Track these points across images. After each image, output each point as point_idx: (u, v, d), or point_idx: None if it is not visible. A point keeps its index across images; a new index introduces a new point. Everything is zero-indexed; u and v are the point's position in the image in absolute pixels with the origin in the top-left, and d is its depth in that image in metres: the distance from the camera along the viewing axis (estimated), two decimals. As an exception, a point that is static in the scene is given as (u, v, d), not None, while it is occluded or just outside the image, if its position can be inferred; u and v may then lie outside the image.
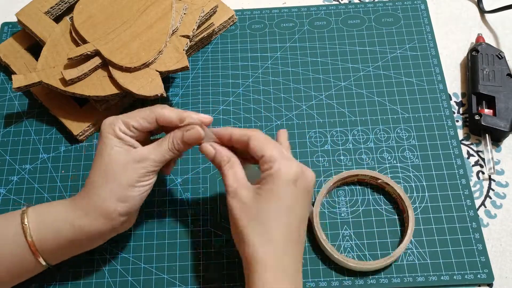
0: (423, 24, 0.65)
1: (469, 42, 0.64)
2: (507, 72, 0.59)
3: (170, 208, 0.54)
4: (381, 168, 0.56)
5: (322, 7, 0.67)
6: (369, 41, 0.64)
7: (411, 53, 0.63)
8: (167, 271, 0.51)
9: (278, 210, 0.42)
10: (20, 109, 0.60)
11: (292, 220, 0.43)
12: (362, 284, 0.50)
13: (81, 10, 0.57)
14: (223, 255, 0.52)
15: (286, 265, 0.42)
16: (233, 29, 0.65)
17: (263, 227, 0.42)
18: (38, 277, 0.50)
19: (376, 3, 0.67)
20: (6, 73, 0.63)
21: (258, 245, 0.42)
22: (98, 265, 0.51)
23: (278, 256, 0.42)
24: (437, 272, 0.50)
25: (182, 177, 0.56)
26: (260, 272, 0.41)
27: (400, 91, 0.60)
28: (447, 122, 0.58)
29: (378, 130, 0.58)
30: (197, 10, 0.57)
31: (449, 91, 0.61)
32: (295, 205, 0.43)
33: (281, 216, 0.42)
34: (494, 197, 0.55)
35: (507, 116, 0.56)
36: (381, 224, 0.53)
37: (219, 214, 0.54)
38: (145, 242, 0.52)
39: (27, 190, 0.55)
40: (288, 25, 0.66)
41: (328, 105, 0.60)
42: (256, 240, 0.42)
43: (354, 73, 0.62)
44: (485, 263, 0.51)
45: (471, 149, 0.57)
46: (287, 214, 0.43)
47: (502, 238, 0.52)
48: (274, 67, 0.62)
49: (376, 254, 0.51)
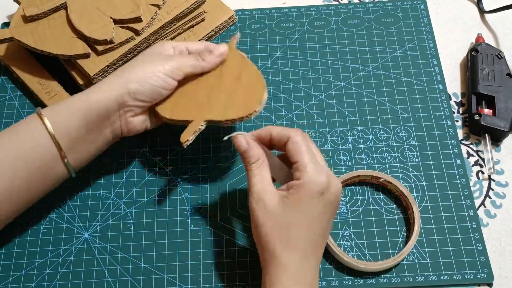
0: (423, 24, 0.65)
1: (469, 42, 0.64)
2: (507, 72, 0.59)
3: (170, 208, 0.54)
4: (381, 168, 0.56)
5: (322, 7, 0.67)
6: (369, 41, 0.64)
7: (410, 53, 0.63)
8: (167, 271, 0.51)
9: (302, 221, 0.43)
10: (20, 109, 0.61)
11: (315, 230, 0.43)
12: (362, 284, 0.50)
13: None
14: (223, 255, 0.52)
15: (305, 271, 0.42)
16: (233, 29, 0.65)
17: (287, 235, 0.42)
18: (38, 277, 0.51)
19: (376, 3, 0.67)
20: (6, 73, 0.63)
21: (281, 252, 0.42)
22: (98, 265, 0.51)
23: (299, 262, 0.42)
24: (437, 271, 0.50)
25: (182, 177, 0.56)
26: (281, 276, 0.42)
27: (400, 91, 0.60)
28: (446, 122, 0.58)
29: (378, 130, 0.58)
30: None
31: (449, 91, 0.61)
32: (319, 217, 0.43)
33: (305, 226, 0.43)
34: (494, 197, 0.55)
35: (507, 116, 0.56)
36: (381, 223, 0.53)
37: (219, 214, 0.54)
38: (145, 242, 0.53)
39: (27, 190, 0.55)
40: (288, 25, 0.66)
41: (328, 105, 0.60)
42: (278, 246, 0.42)
43: (354, 73, 0.62)
44: (484, 263, 0.51)
45: (471, 149, 0.57)
46: (311, 225, 0.43)
47: (501, 238, 0.52)
48: (274, 67, 0.62)
49: (376, 254, 0.51)
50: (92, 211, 0.54)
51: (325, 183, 0.43)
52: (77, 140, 0.47)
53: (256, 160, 0.45)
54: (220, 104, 0.51)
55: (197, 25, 0.63)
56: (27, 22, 0.58)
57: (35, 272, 0.51)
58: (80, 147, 0.48)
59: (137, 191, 0.55)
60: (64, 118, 0.47)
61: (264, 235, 0.43)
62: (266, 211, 0.43)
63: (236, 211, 0.54)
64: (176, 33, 0.62)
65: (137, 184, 0.56)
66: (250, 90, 0.51)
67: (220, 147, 0.57)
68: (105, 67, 0.57)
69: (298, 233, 0.42)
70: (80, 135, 0.47)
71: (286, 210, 0.43)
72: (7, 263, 0.52)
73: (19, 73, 0.61)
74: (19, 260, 0.52)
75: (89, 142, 0.48)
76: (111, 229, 0.53)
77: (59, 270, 0.51)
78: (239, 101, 0.51)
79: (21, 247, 0.52)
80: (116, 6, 0.58)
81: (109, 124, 0.49)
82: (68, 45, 0.57)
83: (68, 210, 0.54)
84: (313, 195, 0.42)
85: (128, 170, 0.56)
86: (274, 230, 0.43)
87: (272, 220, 0.43)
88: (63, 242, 0.53)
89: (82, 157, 0.49)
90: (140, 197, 0.55)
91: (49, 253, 0.52)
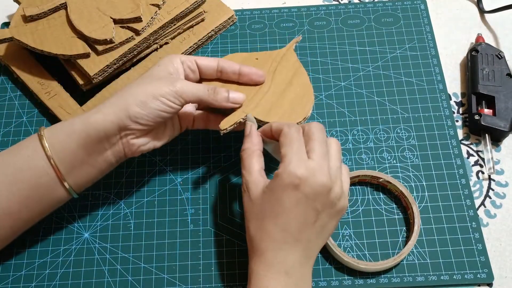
0: (423, 24, 0.65)
1: (469, 42, 0.64)
2: (507, 72, 0.59)
3: (170, 208, 0.54)
4: (381, 168, 0.56)
5: (322, 7, 0.67)
6: (369, 41, 0.64)
7: (411, 53, 0.63)
8: (167, 271, 0.51)
9: (274, 211, 0.43)
10: (20, 109, 0.61)
11: (290, 222, 0.43)
12: (362, 284, 0.50)
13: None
14: (223, 255, 0.52)
15: (281, 261, 0.43)
16: (233, 29, 0.65)
17: (262, 225, 0.44)
18: (38, 277, 0.51)
19: (376, 3, 0.67)
20: (6, 73, 0.63)
21: (258, 241, 0.44)
22: (98, 265, 0.51)
23: (275, 251, 0.43)
24: (437, 271, 0.50)
25: (182, 177, 0.56)
26: (257, 265, 0.43)
27: (400, 91, 0.60)
28: (447, 122, 0.58)
29: (378, 130, 0.58)
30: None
31: (449, 91, 0.61)
32: (293, 209, 0.43)
33: (278, 217, 0.43)
34: (494, 197, 0.55)
35: (507, 116, 0.56)
36: (381, 223, 0.53)
37: (219, 214, 0.54)
38: (145, 242, 0.52)
39: (27, 190, 0.55)
40: (288, 25, 0.66)
41: (328, 105, 0.60)
42: (256, 235, 0.44)
43: (354, 73, 0.62)
44: (484, 263, 0.51)
45: (471, 149, 0.57)
46: (284, 216, 0.43)
47: (501, 237, 0.52)
48: (274, 67, 0.62)
49: (376, 254, 0.51)
50: (92, 211, 0.54)
51: (300, 176, 0.42)
52: (76, 163, 0.46)
53: (246, 148, 0.47)
54: (266, 104, 0.51)
55: (197, 25, 0.63)
56: (27, 22, 0.58)
57: (35, 272, 0.51)
58: (79, 169, 0.47)
59: (137, 191, 0.55)
60: (62, 140, 0.46)
61: (247, 225, 0.45)
62: (250, 201, 0.45)
63: (236, 211, 0.54)
64: (176, 33, 0.62)
65: (137, 184, 0.56)
66: (298, 99, 0.52)
67: (220, 147, 0.57)
68: (105, 67, 0.57)
69: (271, 223, 0.43)
70: (79, 158, 0.46)
71: (264, 199, 0.44)
72: (7, 263, 0.52)
73: (19, 73, 0.61)
74: (19, 260, 0.52)
75: (90, 165, 0.47)
76: (111, 229, 0.53)
77: (59, 270, 0.51)
78: (285, 107, 0.51)
79: (21, 247, 0.52)
80: (116, 6, 0.58)
81: (109, 147, 0.47)
82: (68, 45, 0.57)
83: (68, 210, 0.54)
84: (286, 186, 0.42)
85: (128, 170, 0.56)
86: (253, 220, 0.44)
87: (252, 210, 0.45)
88: (63, 242, 0.53)
89: (82, 179, 0.48)
90: (140, 197, 0.55)
91: (49, 253, 0.52)
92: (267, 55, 0.55)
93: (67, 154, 0.46)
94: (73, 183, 0.47)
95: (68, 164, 0.46)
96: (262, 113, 0.50)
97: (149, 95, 0.46)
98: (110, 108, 0.46)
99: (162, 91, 0.46)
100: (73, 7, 0.58)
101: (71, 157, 0.46)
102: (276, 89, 0.52)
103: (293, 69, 0.54)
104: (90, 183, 0.49)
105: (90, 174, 0.48)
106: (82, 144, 0.46)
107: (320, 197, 0.43)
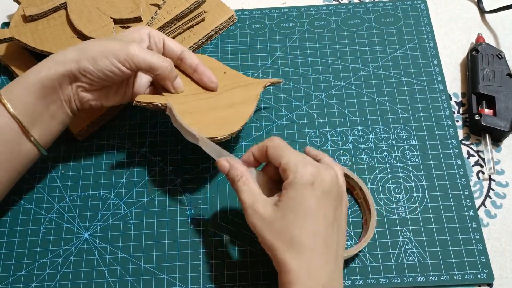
0: (423, 24, 0.65)
1: (469, 42, 0.64)
2: (507, 72, 0.59)
3: (170, 208, 0.54)
4: (381, 168, 0.56)
5: (322, 7, 0.67)
6: (369, 41, 0.64)
7: (411, 53, 0.63)
8: (167, 271, 0.51)
9: (300, 217, 0.41)
10: (20, 109, 0.60)
11: (318, 223, 0.42)
12: (362, 284, 0.50)
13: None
14: (223, 255, 0.52)
15: (315, 269, 0.41)
16: (233, 29, 0.65)
17: (290, 238, 0.41)
18: (38, 277, 0.51)
19: (376, 3, 0.67)
20: (6, 73, 0.63)
21: (288, 258, 0.41)
22: (98, 265, 0.51)
23: (308, 262, 0.41)
24: (437, 272, 0.50)
25: (182, 177, 0.56)
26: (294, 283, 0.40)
27: (400, 91, 0.60)
28: (447, 122, 0.58)
29: (378, 130, 0.58)
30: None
31: (449, 91, 0.61)
32: (318, 208, 0.42)
33: (305, 222, 0.41)
34: (494, 197, 0.55)
35: (507, 116, 0.56)
36: (381, 224, 0.53)
37: (219, 214, 0.54)
38: (145, 242, 0.52)
39: (27, 190, 0.55)
40: (288, 25, 0.66)
41: (328, 105, 0.60)
42: (285, 253, 0.41)
43: (354, 73, 0.62)
44: (485, 263, 0.51)
45: (471, 149, 0.57)
46: (311, 219, 0.41)
47: (502, 238, 0.52)
48: (274, 67, 0.62)
49: (376, 254, 0.51)
50: (92, 211, 0.54)
51: (313, 172, 0.42)
52: (36, 114, 0.48)
53: (240, 177, 0.45)
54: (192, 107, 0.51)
55: (197, 25, 0.63)
56: (27, 22, 0.59)
57: (35, 272, 0.51)
58: (41, 121, 0.48)
59: (137, 191, 0.55)
60: (20, 94, 0.47)
61: (270, 246, 0.42)
62: (264, 221, 0.42)
63: (237, 211, 0.54)
64: (176, 33, 0.62)
65: (137, 184, 0.56)
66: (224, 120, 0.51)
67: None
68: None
69: (299, 231, 0.41)
70: (39, 109, 0.47)
71: (282, 213, 0.42)
72: (7, 263, 0.52)
73: (19, 73, 0.61)
74: (19, 260, 0.52)
75: (50, 117, 0.49)
76: (111, 229, 0.53)
77: (59, 271, 0.51)
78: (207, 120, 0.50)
79: (21, 247, 0.52)
80: (116, 6, 0.58)
81: (64, 97, 0.48)
82: (68, 45, 0.57)
83: (68, 210, 0.54)
84: (304, 187, 0.42)
85: (128, 170, 0.56)
86: (276, 237, 0.42)
87: (271, 228, 0.42)
88: (63, 243, 0.53)
89: (46, 132, 0.49)
90: (140, 197, 0.55)
91: (49, 253, 0.52)
92: (237, 75, 0.55)
93: (26, 107, 0.47)
94: (38, 136, 0.48)
95: (29, 117, 0.47)
96: (182, 110, 0.50)
97: (100, 53, 0.47)
98: (63, 57, 0.47)
99: (113, 50, 0.47)
100: (73, 7, 0.58)
101: (30, 109, 0.47)
102: (215, 102, 0.52)
103: (246, 98, 0.53)
104: (54, 137, 0.50)
105: (51, 125, 0.49)
106: (38, 95, 0.47)
107: (334, 188, 0.43)
